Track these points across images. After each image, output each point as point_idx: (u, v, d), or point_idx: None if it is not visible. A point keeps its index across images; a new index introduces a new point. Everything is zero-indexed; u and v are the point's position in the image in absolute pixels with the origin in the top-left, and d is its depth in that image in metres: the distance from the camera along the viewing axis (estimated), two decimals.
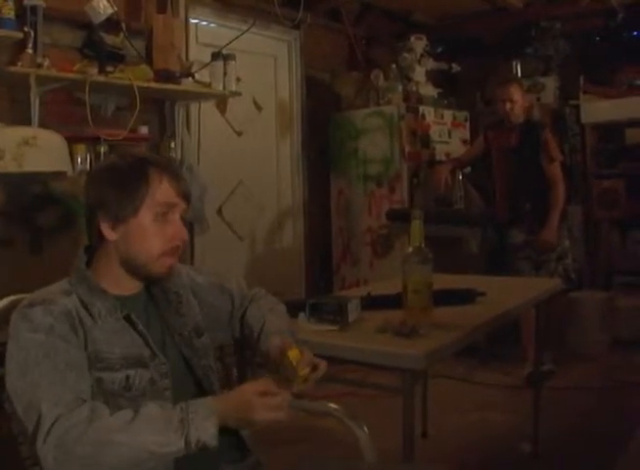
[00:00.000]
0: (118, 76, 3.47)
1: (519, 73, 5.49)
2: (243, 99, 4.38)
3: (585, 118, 5.40)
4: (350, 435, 1.73)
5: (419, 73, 5.10)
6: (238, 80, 4.05)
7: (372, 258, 5.02)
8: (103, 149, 3.44)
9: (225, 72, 3.93)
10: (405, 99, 4.94)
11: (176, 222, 1.47)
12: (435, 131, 5.01)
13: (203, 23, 4.46)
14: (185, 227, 1.50)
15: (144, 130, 3.78)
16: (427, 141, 4.92)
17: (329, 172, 5.27)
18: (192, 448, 1.24)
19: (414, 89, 5.02)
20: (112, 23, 3.56)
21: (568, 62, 5.52)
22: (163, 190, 1.44)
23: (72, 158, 3.26)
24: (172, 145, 3.98)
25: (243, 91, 4.18)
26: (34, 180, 2.78)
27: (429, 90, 5.15)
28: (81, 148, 3.37)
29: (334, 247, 5.27)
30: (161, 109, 4.08)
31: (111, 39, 3.57)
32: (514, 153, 4.20)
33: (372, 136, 4.98)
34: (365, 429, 1.72)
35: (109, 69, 3.45)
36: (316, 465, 1.84)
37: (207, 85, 3.93)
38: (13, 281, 2.65)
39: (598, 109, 5.35)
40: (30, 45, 3.15)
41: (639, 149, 5.24)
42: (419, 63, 5.12)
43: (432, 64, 5.20)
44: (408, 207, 4.69)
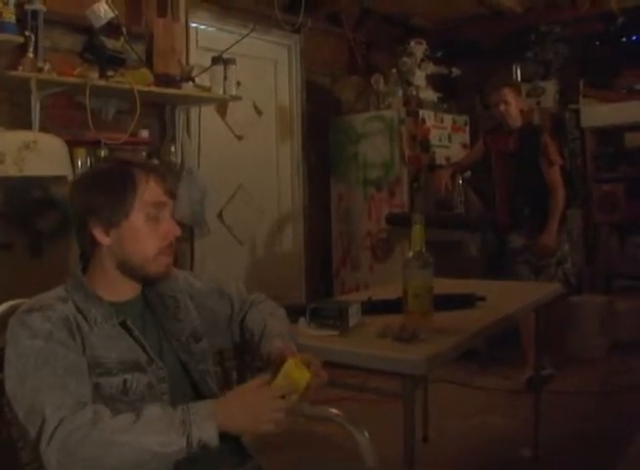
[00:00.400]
0: (119, 80, 3.48)
1: (518, 78, 5.50)
2: (243, 103, 4.39)
3: (585, 123, 5.40)
4: (351, 440, 1.73)
5: (419, 78, 5.11)
6: (238, 85, 4.06)
7: (372, 262, 5.02)
8: (103, 153, 3.44)
9: (225, 77, 3.94)
10: (405, 103, 4.95)
11: (167, 220, 1.49)
12: (435, 135, 5.02)
13: (203, 27, 4.46)
14: (177, 224, 1.51)
15: (144, 134, 3.78)
16: (427, 145, 4.93)
17: (329, 176, 5.27)
18: (193, 448, 1.24)
19: (414, 93, 5.03)
20: (112, 28, 3.56)
21: (567, 66, 5.53)
22: (151, 190, 1.46)
23: (73, 162, 3.26)
24: (173, 149, 3.98)
25: (243, 95, 4.19)
26: (35, 184, 2.79)
27: (429, 94, 5.15)
28: (82, 152, 3.37)
29: (334, 251, 5.27)
30: (162, 113, 4.08)
31: (111, 43, 3.57)
32: (513, 157, 4.20)
33: (372, 140, 4.98)
34: (366, 434, 1.72)
35: (109, 73, 3.45)
36: (316, 467, 1.83)
37: (208, 89, 3.93)
38: (12, 285, 2.65)
39: (598, 113, 5.35)
40: (31, 49, 3.16)
41: (639, 153, 5.24)
42: (419, 67, 5.12)
43: (431, 68, 5.21)
44: (408, 211, 4.70)
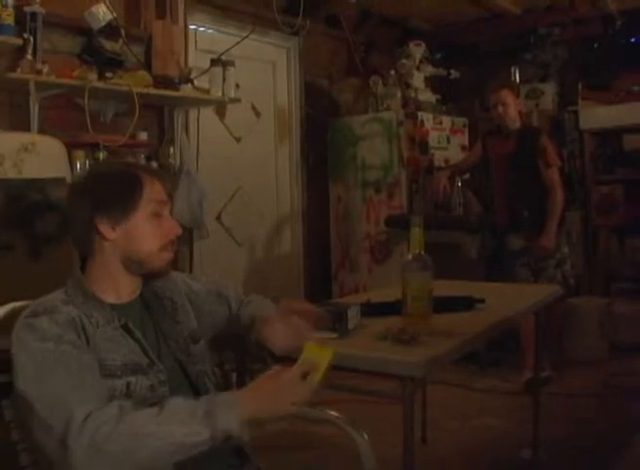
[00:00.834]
0: (118, 82, 3.47)
1: (517, 80, 5.50)
2: (242, 105, 4.39)
3: (584, 124, 5.40)
4: (350, 441, 1.73)
5: (418, 80, 5.11)
6: (237, 86, 4.06)
7: (371, 264, 5.03)
8: (102, 155, 3.44)
9: (224, 79, 3.94)
10: (404, 105, 4.95)
11: (169, 218, 1.55)
12: (434, 137, 5.02)
13: (202, 29, 4.46)
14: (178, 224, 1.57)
15: (143, 136, 3.78)
16: (425, 147, 4.93)
17: (328, 178, 5.27)
18: (218, 438, 1.27)
19: (413, 95, 5.03)
20: (111, 30, 3.56)
21: (566, 68, 5.54)
22: (155, 189, 1.52)
23: (72, 164, 3.25)
24: (171, 151, 3.98)
25: (242, 97, 4.19)
26: (33, 186, 2.78)
27: (427, 96, 5.16)
28: (80, 154, 3.37)
29: (332, 253, 5.27)
30: (161, 115, 4.08)
31: (110, 45, 3.57)
32: (511, 159, 4.21)
33: (371, 142, 4.99)
34: (365, 436, 1.71)
35: (108, 74, 3.45)
36: None
37: (206, 91, 3.93)
38: (11, 287, 2.65)
39: (596, 115, 5.36)
40: (30, 51, 3.16)
41: (638, 155, 5.24)
42: (418, 69, 5.13)
43: (430, 70, 5.21)
44: (407, 213, 4.70)
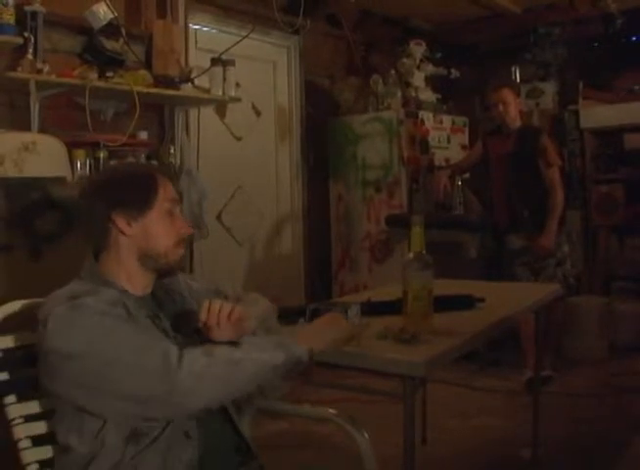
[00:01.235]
0: (118, 82, 3.47)
1: (517, 79, 5.50)
2: (242, 104, 4.39)
3: (584, 124, 5.40)
4: (350, 440, 1.73)
5: (418, 79, 5.11)
6: (237, 86, 4.06)
7: (371, 263, 5.03)
8: (102, 154, 3.43)
9: (224, 78, 3.93)
10: (404, 104, 4.94)
11: (180, 217, 1.63)
12: (435, 137, 5.02)
13: (202, 28, 4.46)
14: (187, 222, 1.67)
15: (143, 135, 3.77)
16: (426, 146, 4.93)
17: (328, 178, 5.27)
18: (290, 362, 1.48)
19: (413, 94, 5.03)
20: (111, 29, 3.55)
21: (566, 67, 5.54)
22: (168, 189, 1.61)
23: (72, 163, 3.25)
24: (172, 150, 3.97)
25: (242, 96, 4.18)
26: (34, 186, 2.79)
27: (428, 95, 5.16)
28: (81, 153, 3.36)
29: (333, 252, 5.27)
30: (161, 114, 4.07)
31: (110, 44, 3.57)
32: (511, 158, 4.20)
33: (371, 141, 4.99)
34: (365, 435, 1.72)
35: (108, 74, 3.44)
36: None
37: (207, 91, 3.93)
38: (12, 287, 2.65)
39: (597, 114, 5.36)
40: (30, 50, 3.15)
41: (638, 154, 5.24)
42: (418, 68, 5.13)
43: (431, 69, 5.21)
44: (407, 212, 4.70)
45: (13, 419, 1.55)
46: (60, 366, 1.38)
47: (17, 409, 1.56)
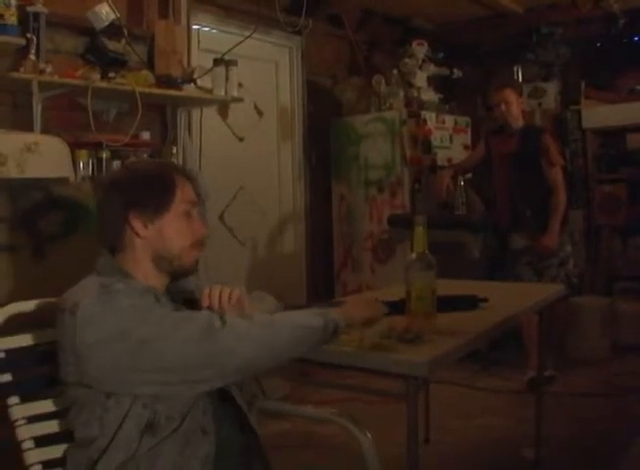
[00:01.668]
0: (120, 82, 3.47)
1: (520, 79, 5.50)
2: (244, 104, 4.39)
3: (586, 124, 5.41)
4: (353, 440, 1.73)
5: (420, 79, 5.10)
6: (239, 86, 4.06)
7: (373, 263, 5.03)
8: (105, 155, 3.44)
9: (227, 78, 3.93)
10: (407, 104, 4.94)
11: (198, 219, 1.63)
12: (437, 137, 5.01)
13: (204, 28, 4.47)
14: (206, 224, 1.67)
15: (146, 136, 3.78)
16: (428, 146, 4.92)
17: (330, 178, 5.27)
18: (329, 329, 1.57)
19: (415, 95, 5.03)
20: (114, 29, 3.56)
21: (569, 67, 5.54)
22: (186, 190, 1.60)
23: (75, 163, 3.25)
24: (174, 151, 3.97)
25: (244, 97, 4.18)
26: (37, 186, 2.79)
27: (430, 95, 5.15)
28: (83, 154, 3.36)
29: (335, 252, 5.27)
30: (163, 114, 4.08)
31: (113, 45, 3.57)
32: (514, 158, 4.20)
33: (373, 141, 4.99)
34: (369, 435, 1.72)
35: (111, 74, 3.44)
36: None
37: (209, 91, 3.93)
38: (15, 287, 2.65)
39: (599, 114, 5.36)
40: (33, 51, 3.15)
41: None
42: (420, 68, 5.12)
43: (433, 69, 5.20)
44: (410, 212, 4.70)
45: (16, 420, 1.55)
46: (92, 354, 1.38)
47: (20, 410, 1.56)
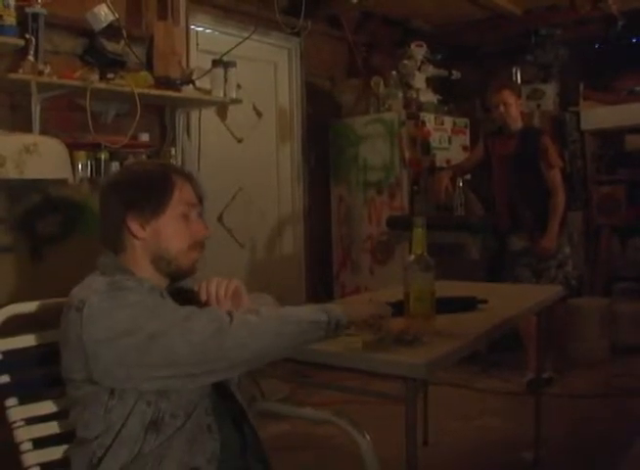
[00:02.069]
0: (119, 83, 3.47)
1: (518, 80, 5.50)
2: (243, 106, 4.38)
3: (585, 125, 5.41)
4: (351, 442, 1.73)
5: (419, 80, 5.10)
6: (238, 87, 4.05)
7: (372, 264, 5.02)
8: (104, 156, 3.43)
9: (226, 79, 3.93)
10: (405, 106, 4.94)
11: (197, 220, 1.63)
12: (436, 138, 5.01)
13: (203, 29, 4.46)
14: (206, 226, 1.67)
15: (144, 137, 3.77)
16: (427, 148, 4.92)
17: (329, 179, 5.27)
18: (333, 322, 1.56)
19: (414, 96, 5.03)
20: (112, 30, 3.56)
21: (567, 68, 5.54)
22: (185, 191, 1.60)
23: (73, 165, 3.25)
24: (173, 152, 3.97)
25: (243, 98, 4.18)
26: (35, 187, 2.78)
27: (429, 97, 5.15)
28: (82, 155, 3.36)
29: (334, 254, 5.27)
30: (162, 116, 4.08)
31: (112, 46, 3.57)
32: (513, 160, 4.20)
33: (372, 143, 4.98)
34: (367, 437, 1.71)
35: (109, 75, 3.44)
36: None
37: (208, 92, 3.93)
38: (13, 289, 2.65)
39: (598, 115, 5.36)
40: (32, 52, 3.15)
41: (639, 155, 5.24)
42: (419, 69, 5.11)
43: (432, 70, 5.20)
44: (408, 213, 4.70)
45: (14, 422, 1.55)
46: (99, 350, 1.38)
47: (18, 412, 1.56)
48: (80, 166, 3.34)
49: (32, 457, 1.54)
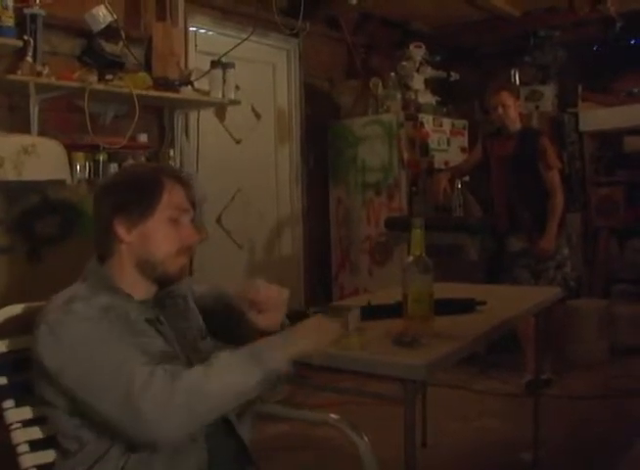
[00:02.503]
0: (118, 84, 3.47)
1: (517, 82, 5.50)
2: (242, 107, 4.38)
3: (584, 126, 5.41)
4: (350, 444, 1.73)
5: (418, 82, 5.11)
6: (237, 88, 4.06)
7: (371, 266, 5.02)
8: (102, 157, 3.43)
9: (224, 80, 3.93)
10: (404, 107, 4.95)
11: (188, 225, 1.56)
12: (434, 139, 5.02)
13: (202, 31, 4.46)
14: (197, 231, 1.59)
15: (143, 138, 3.77)
16: (425, 149, 4.93)
17: (328, 180, 5.27)
18: (271, 377, 1.36)
19: (413, 97, 5.03)
20: (111, 31, 3.56)
21: (566, 70, 5.54)
22: (175, 195, 1.53)
23: (72, 166, 3.25)
24: (171, 153, 3.97)
25: (242, 99, 4.18)
26: (34, 189, 2.77)
27: (427, 98, 5.16)
28: (80, 156, 3.36)
29: (333, 255, 5.27)
30: (161, 117, 4.08)
31: (110, 47, 3.57)
32: (512, 161, 4.20)
33: (371, 144, 4.99)
34: (365, 438, 1.71)
35: (108, 76, 3.44)
36: None
37: (206, 93, 3.93)
38: (11, 290, 2.64)
39: (596, 117, 5.37)
40: (30, 53, 3.15)
41: (637, 157, 5.25)
42: (418, 71, 5.12)
43: (430, 72, 5.21)
44: (407, 215, 4.70)
45: (11, 424, 1.54)
46: (46, 377, 1.38)
47: (15, 414, 1.55)
48: (79, 168, 3.34)
49: (29, 459, 1.53)
